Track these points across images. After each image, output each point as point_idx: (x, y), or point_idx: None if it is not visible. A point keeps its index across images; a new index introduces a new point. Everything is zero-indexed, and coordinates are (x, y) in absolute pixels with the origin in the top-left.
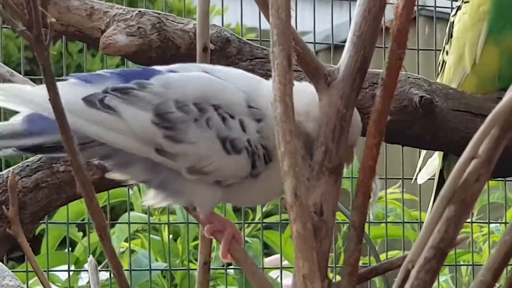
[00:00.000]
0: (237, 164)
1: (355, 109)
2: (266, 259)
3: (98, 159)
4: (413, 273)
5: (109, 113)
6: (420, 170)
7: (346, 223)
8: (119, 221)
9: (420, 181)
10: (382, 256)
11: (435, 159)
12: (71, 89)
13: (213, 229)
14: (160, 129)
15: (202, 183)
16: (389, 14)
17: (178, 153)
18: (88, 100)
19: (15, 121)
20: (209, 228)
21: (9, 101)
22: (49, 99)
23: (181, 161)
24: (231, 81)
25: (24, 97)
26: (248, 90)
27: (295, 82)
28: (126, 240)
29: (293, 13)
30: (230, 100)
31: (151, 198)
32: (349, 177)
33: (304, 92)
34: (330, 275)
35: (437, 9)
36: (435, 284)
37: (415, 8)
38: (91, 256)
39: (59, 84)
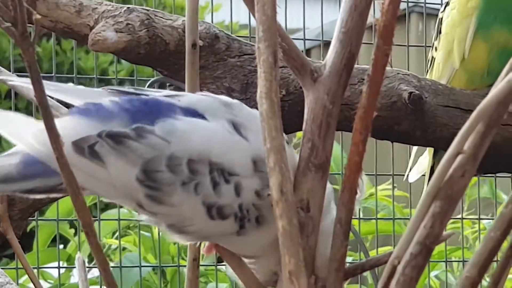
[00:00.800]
0: (221, 228)
1: None
2: None
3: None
4: (399, 269)
5: (94, 163)
6: (411, 168)
7: None
8: (105, 217)
9: (411, 179)
10: (373, 253)
11: (426, 157)
12: (65, 128)
13: None
14: (143, 187)
15: None
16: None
17: (158, 213)
18: (77, 145)
19: (10, 162)
20: None
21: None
22: (35, 96)
23: (161, 219)
24: (252, 139)
25: (15, 131)
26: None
27: None
28: (117, 238)
29: (281, 10)
30: (234, 160)
31: (145, 219)
32: (338, 173)
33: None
34: None
35: (431, 5)
36: (426, 280)
37: (406, 4)
38: (78, 252)
39: (58, 121)
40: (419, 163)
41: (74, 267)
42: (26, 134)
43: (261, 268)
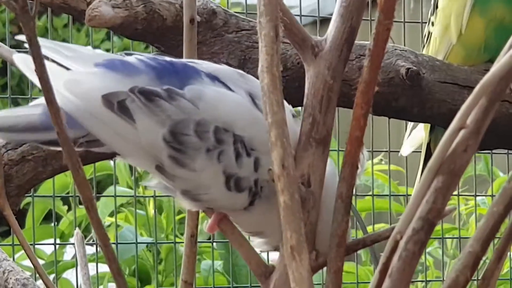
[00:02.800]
0: (234, 200)
1: None
2: None
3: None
4: (401, 244)
5: (123, 118)
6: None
7: None
8: (103, 194)
9: (404, 153)
10: (369, 229)
11: (419, 131)
12: (93, 81)
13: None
14: (168, 148)
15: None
16: None
17: (177, 176)
18: (107, 99)
19: (33, 112)
20: None
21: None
22: (35, 70)
23: (178, 183)
24: None
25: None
26: None
27: None
28: (111, 215)
29: None
30: (256, 135)
31: (156, 185)
32: (335, 150)
33: None
34: None
35: None
36: (422, 256)
37: None
38: (77, 228)
39: (88, 73)
40: (412, 136)
41: (69, 244)
42: (56, 82)
43: (263, 244)
